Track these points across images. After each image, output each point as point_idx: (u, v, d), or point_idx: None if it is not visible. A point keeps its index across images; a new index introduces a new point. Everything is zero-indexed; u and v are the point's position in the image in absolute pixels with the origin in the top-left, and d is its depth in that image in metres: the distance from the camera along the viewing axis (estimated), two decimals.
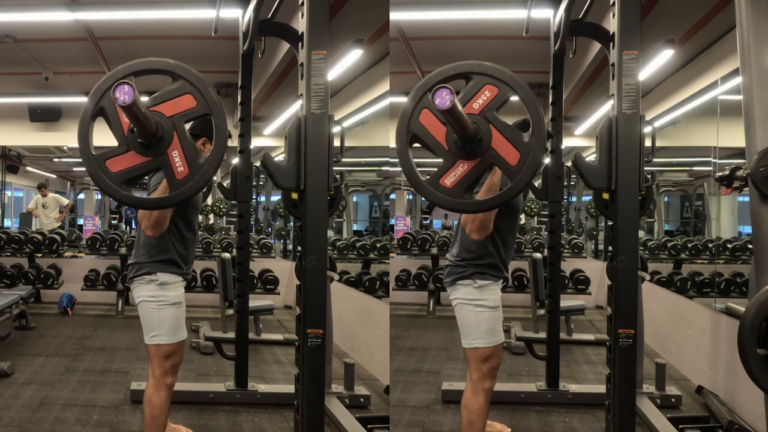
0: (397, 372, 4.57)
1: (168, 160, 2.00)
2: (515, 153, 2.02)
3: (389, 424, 3.52)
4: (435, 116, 2.04)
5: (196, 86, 2.00)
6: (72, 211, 10.70)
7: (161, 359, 2.72)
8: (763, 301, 1.82)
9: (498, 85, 2.02)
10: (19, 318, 5.63)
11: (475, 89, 2.03)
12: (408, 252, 7.02)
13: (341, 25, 5.19)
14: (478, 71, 2.04)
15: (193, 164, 2.00)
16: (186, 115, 2.01)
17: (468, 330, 2.72)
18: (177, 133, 2.00)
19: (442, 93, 1.83)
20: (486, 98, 2.03)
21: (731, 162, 2.60)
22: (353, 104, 6.10)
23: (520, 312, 6.41)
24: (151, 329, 2.70)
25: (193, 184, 2.00)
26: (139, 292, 2.74)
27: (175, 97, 2.02)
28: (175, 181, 2.00)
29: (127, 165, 1.99)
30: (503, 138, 2.02)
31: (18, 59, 6.93)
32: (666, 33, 5.34)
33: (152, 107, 2.00)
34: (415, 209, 10.59)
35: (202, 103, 2.01)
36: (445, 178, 2.05)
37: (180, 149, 2.00)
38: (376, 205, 9.04)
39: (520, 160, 2.01)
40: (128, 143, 1.98)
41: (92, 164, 1.94)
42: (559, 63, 3.79)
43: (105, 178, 1.95)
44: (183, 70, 2.01)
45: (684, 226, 8.60)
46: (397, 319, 6.47)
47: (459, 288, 2.74)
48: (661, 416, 3.44)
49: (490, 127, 2.02)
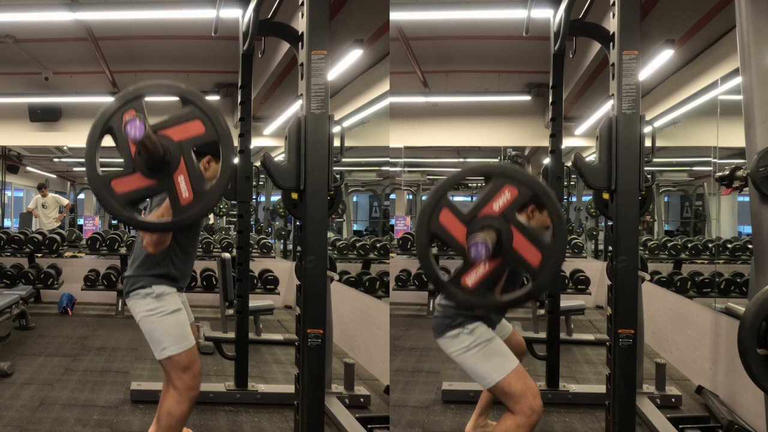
0: (397, 372, 4.57)
1: (173, 185, 1.97)
2: (537, 254, 2.01)
3: (389, 424, 3.52)
4: (455, 216, 2.03)
5: (206, 113, 1.97)
6: (72, 211, 10.70)
7: (179, 372, 2.60)
8: (763, 301, 1.82)
9: (518, 186, 2.01)
10: (19, 318, 5.63)
11: (495, 190, 2.01)
12: (408, 252, 7.02)
13: (341, 25, 5.19)
14: (498, 172, 2.04)
15: (198, 190, 1.98)
16: (194, 141, 1.98)
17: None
18: (184, 158, 1.97)
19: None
20: (506, 199, 2.02)
21: (731, 162, 2.60)
22: (353, 104, 6.10)
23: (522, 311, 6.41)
24: (159, 342, 2.61)
25: (196, 210, 1.99)
26: (137, 308, 2.66)
27: (184, 122, 1.99)
28: (179, 206, 1.98)
29: (132, 187, 1.97)
30: (524, 239, 2.02)
31: (18, 59, 6.93)
32: (666, 33, 5.34)
33: (161, 130, 1.97)
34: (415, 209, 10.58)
35: (211, 130, 1.97)
36: (466, 278, 2.04)
37: (186, 174, 1.97)
38: (376, 205, 9.04)
39: (541, 262, 2.01)
40: (134, 165, 1.96)
41: (98, 184, 1.93)
42: (559, 63, 3.79)
43: (110, 199, 1.94)
44: (194, 96, 1.98)
45: (684, 226, 8.61)
46: (397, 319, 6.47)
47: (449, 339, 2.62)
48: (661, 416, 3.44)
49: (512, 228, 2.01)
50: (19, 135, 8.49)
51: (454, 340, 2.55)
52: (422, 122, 8.08)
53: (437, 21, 5.81)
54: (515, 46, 6.41)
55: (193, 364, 2.62)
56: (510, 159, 9.94)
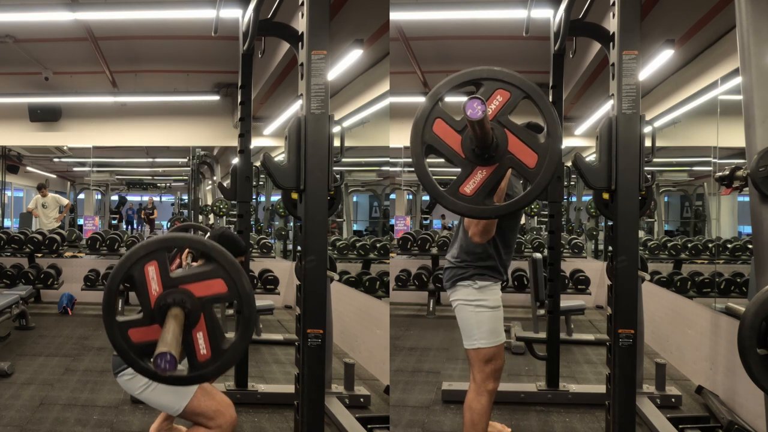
0: (397, 372, 4.57)
1: (191, 341, 1.94)
2: (533, 155, 2.01)
3: (389, 424, 3.52)
4: (449, 125, 2.02)
5: (230, 273, 1.92)
6: (72, 211, 10.69)
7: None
8: (763, 301, 1.82)
9: (509, 89, 2.01)
10: (19, 318, 5.63)
11: (487, 95, 2.01)
12: (408, 252, 7.02)
13: (341, 25, 5.19)
14: (489, 77, 2.02)
15: (217, 349, 1.94)
16: (215, 299, 1.95)
17: (469, 331, 2.72)
18: (204, 315, 1.93)
19: (473, 104, 1.80)
20: (498, 103, 2.01)
21: (731, 162, 2.60)
22: (353, 104, 6.10)
23: (520, 312, 6.42)
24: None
25: (213, 369, 1.95)
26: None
27: (207, 279, 1.95)
28: (195, 363, 1.94)
29: (148, 338, 1.91)
30: (519, 141, 2.01)
31: (18, 59, 6.93)
32: (666, 33, 5.34)
33: (182, 285, 1.92)
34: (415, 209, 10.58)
35: (233, 290, 1.93)
36: (464, 186, 2.03)
37: (205, 332, 1.94)
38: (376, 205, 9.03)
39: (538, 162, 2.00)
40: (153, 316, 1.91)
41: (115, 332, 1.89)
42: (559, 63, 3.79)
43: (125, 347, 1.91)
44: (219, 254, 1.92)
45: (684, 226, 8.60)
46: (397, 319, 6.46)
47: (459, 289, 2.75)
48: (661, 416, 3.44)
49: (506, 131, 2.01)
50: (19, 135, 8.50)
51: (462, 290, 2.69)
52: None
53: (437, 21, 5.81)
54: (515, 46, 6.41)
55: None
56: None
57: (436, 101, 2.03)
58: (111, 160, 11.58)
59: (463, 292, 2.74)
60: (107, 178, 11.86)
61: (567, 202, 9.56)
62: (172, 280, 1.88)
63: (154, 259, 1.86)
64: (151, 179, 12.78)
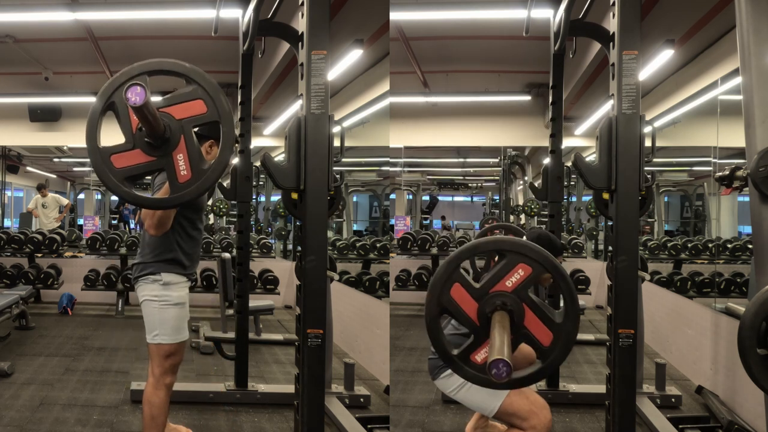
0: (397, 372, 4.57)
1: (172, 162, 2.00)
2: (548, 334, 1.98)
3: (389, 424, 3.52)
4: (466, 290, 1.99)
5: (209, 92, 2.00)
6: (72, 211, 10.70)
7: (161, 358, 2.74)
8: (763, 301, 1.82)
9: (532, 264, 1.98)
10: (19, 318, 5.63)
11: (509, 267, 1.98)
12: (408, 252, 7.02)
13: (341, 25, 5.19)
14: (512, 249, 1.98)
15: (197, 169, 2.00)
16: (195, 120, 2.02)
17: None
18: (184, 136, 2.00)
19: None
20: (519, 277, 1.98)
21: (731, 162, 2.60)
22: (353, 104, 6.10)
23: None
24: (153, 328, 2.73)
25: (194, 189, 2.01)
26: (143, 292, 2.76)
27: (186, 101, 2.02)
28: (177, 184, 2.00)
29: (131, 162, 1.99)
30: (536, 318, 1.99)
31: (18, 59, 6.92)
32: (666, 33, 5.34)
33: (163, 108, 2.00)
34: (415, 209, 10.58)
35: (212, 109, 2.00)
36: (475, 355, 2.01)
37: (185, 153, 2.00)
38: (376, 205, 9.04)
39: (552, 342, 1.98)
40: (135, 141, 1.98)
41: (97, 158, 1.95)
42: (559, 63, 3.79)
43: (108, 173, 1.96)
44: (197, 75, 2.01)
45: (684, 226, 8.60)
46: (397, 319, 6.47)
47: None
48: (661, 416, 3.44)
49: (524, 306, 1.98)
50: (19, 135, 8.50)
51: (448, 380, 2.63)
52: (422, 122, 8.08)
53: (437, 21, 5.81)
54: (515, 46, 6.41)
55: (176, 354, 2.77)
56: (510, 159, 9.95)
57: (456, 265, 1.99)
58: None
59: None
60: None
61: (567, 202, 9.56)
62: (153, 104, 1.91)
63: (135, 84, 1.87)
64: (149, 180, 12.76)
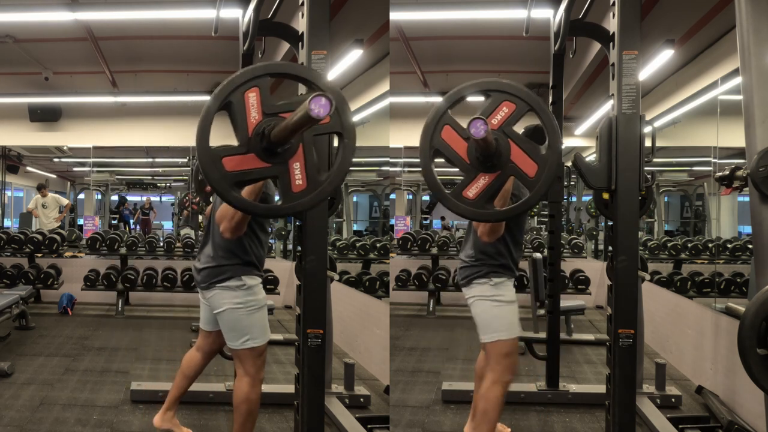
0: (397, 372, 4.57)
1: (287, 171, 1.88)
2: (533, 165, 2.13)
3: (389, 424, 3.52)
4: (456, 132, 2.14)
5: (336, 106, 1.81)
6: (72, 211, 10.70)
7: (254, 358, 2.77)
8: (763, 301, 1.82)
9: (515, 101, 2.13)
10: (19, 318, 5.63)
11: (494, 105, 2.13)
12: (408, 252, 7.02)
13: (341, 25, 5.19)
14: (496, 88, 2.14)
15: (313, 180, 1.90)
16: (320, 129, 1.92)
17: (488, 324, 2.77)
18: (303, 145, 1.89)
19: (477, 124, 1.95)
20: (504, 114, 2.14)
21: (731, 162, 2.60)
22: (353, 104, 6.08)
23: (521, 312, 6.41)
24: (243, 334, 2.73)
25: (308, 200, 1.90)
26: (222, 300, 2.74)
27: None
28: (290, 194, 1.89)
29: (243, 167, 1.85)
30: (521, 151, 2.13)
31: (18, 59, 6.93)
32: (666, 33, 5.34)
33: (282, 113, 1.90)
34: (415, 209, 10.58)
35: (335, 120, 1.89)
36: (467, 191, 2.15)
37: (302, 162, 1.89)
38: (376, 205, 9.03)
39: (538, 172, 2.12)
40: (249, 145, 1.84)
41: (207, 159, 1.80)
42: (559, 63, 3.79)
43: (218, 175, 1.81)
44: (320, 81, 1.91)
45: (684, 226, 8.60)
46: (397, 319, 6.47)
47: (475, 286, 2.81)
48: (661, 416, 3.44)
49: (509, 141, 2.13)
50: (19, 135, 8.50)
51: (478, 287, 2.75)
52: (422, 122, 8.03)
53: (437, 21, 5.81)
54: (515, 46, 6.40)
55: (265, 351, 2.82)
56: None
57: (445, 110, 2.13)
58: (111, 160, 11.58)
59: (479, 289, 2.80)
60: (107, 178, 11.87)
61: (567, 202, 9.56)
62: (272, 107, 1.85)
63: (256, 86, 1.83)
64: (151, 179, 12.78)
